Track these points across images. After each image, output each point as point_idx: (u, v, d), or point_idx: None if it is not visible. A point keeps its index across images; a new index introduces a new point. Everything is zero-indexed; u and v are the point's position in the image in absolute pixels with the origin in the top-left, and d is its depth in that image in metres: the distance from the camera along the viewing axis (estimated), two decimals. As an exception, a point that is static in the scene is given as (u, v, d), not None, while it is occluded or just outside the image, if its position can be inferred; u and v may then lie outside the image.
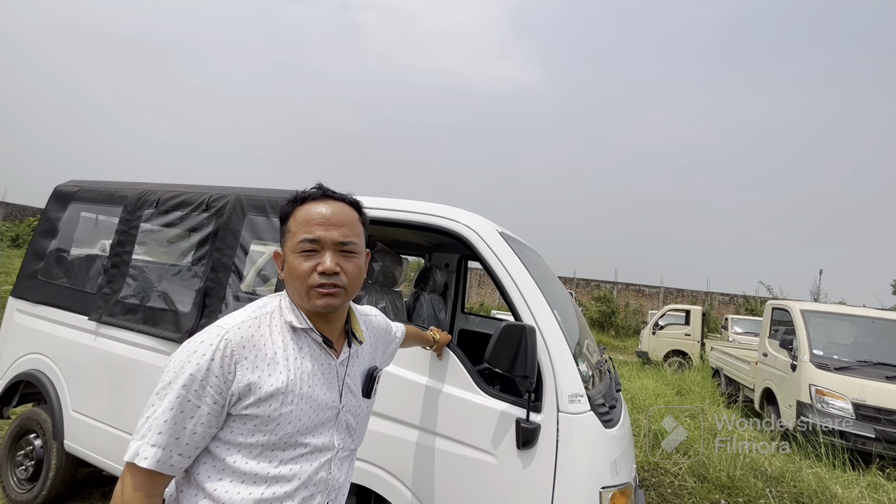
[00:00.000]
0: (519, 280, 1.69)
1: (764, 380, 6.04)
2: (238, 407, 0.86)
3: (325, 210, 0.96)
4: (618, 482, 1.58)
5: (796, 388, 5.16)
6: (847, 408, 4.82)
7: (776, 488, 3.80)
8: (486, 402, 1.62)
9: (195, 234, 2.42)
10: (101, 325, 2.48)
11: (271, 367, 0.89)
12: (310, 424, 0.93)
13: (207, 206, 2.37)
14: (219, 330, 0.88)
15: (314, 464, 0.93)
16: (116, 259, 2.57)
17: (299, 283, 0.93)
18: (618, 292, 22.55)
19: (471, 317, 3.57)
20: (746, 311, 18.89)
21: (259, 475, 0.86)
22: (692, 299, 21.14)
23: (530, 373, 1.47)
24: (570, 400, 1.54)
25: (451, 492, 1.62)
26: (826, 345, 5.34)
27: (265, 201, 2.23)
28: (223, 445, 0.87)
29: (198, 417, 0.82)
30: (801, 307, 5.63)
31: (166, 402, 0.81)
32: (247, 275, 2.39)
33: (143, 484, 0.79)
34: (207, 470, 0.86)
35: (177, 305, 2.31)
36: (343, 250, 0.96)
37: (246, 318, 0.92)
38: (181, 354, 0.85)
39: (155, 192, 2.59)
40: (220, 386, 0.84)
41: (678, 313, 12.07)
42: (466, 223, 1.81)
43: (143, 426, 0.81)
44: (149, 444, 0.79)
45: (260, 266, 2.70)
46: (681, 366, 10.31)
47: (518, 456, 1.54)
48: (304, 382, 0.92)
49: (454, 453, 1.63)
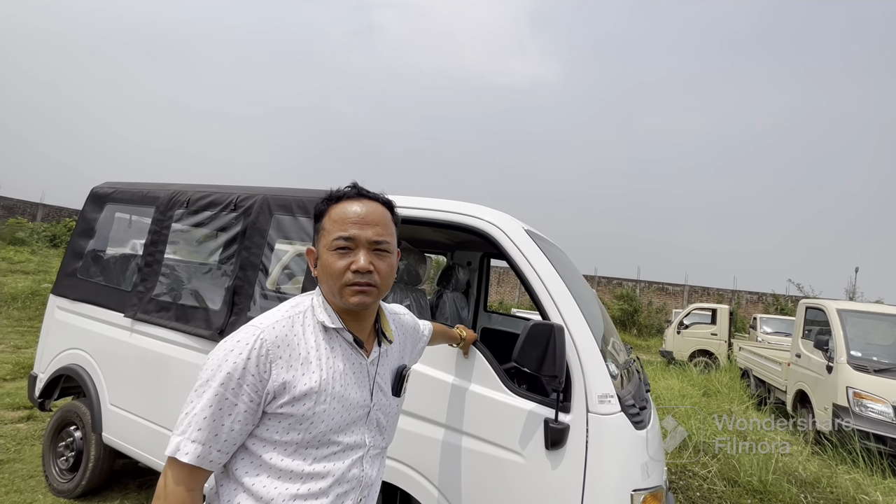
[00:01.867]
0: (546, 278, 1.67)
1: (797, 381, 5.83)
2: (273, 405, 0.87)
3: (360, 209, 0.96)
4: (649, 485, 1.55)
5: (832, 390, 4.96)
6: (888, 411, 4.61)
7: (811, 494, 3.67)
8: (514, 401, 1.61)
9: (224, 234, 2.48)
10: (136, 321, 2.57)
11: (304, 367, 0.90)
12: (342, 423, 0.93)
13: (235, 206, 2.42)
14: (254, 329, 0.89)
15: (346, 461, 0.93)
16: (149, 258, 2.65)
17: (333, 281, 0.94)
18: (640, 290, 22.10)
19: (493, 315, 3.55)
20: (776, 311, 18.27)
21: (294, 472, 0.88)
22: (718, 298, 20.56)
23: (559, 372, 1.45)
24: (599, 400, 1.52)
25: (478, 490, 1.61)
26: (864, 346, 5.12)
27: (291, 201, 2.26)
28: (259, 442, 0.88)
29: (235, 415, 0.84)
30: (838, 306, 5.41)
31: (205, 399, 0.83)
32: (272, 272, 2.44)
33: (184, 478, 0.81)
34: (245, 466, 0.88)
35: (207, 303, 2.37)
36: (376, 249, 0.96)
37: (280, 318, 0.93)
38: (219, 353, 0.87)
39: (185, 192, 2.66)
40: (256, 385, 0.85)
41: (704, 312, 11.74)
42: (492, 221, 1.79)
43: (184, 422, 0.83)
44: (189, 440, 0.81)
45: (285, 263, 2.75)
46: (707, 366, 10.04)
47: (546, 456, 1.52)
48: (337, 382, 0.93)
49: (481, 452, 1.62)
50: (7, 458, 3.09)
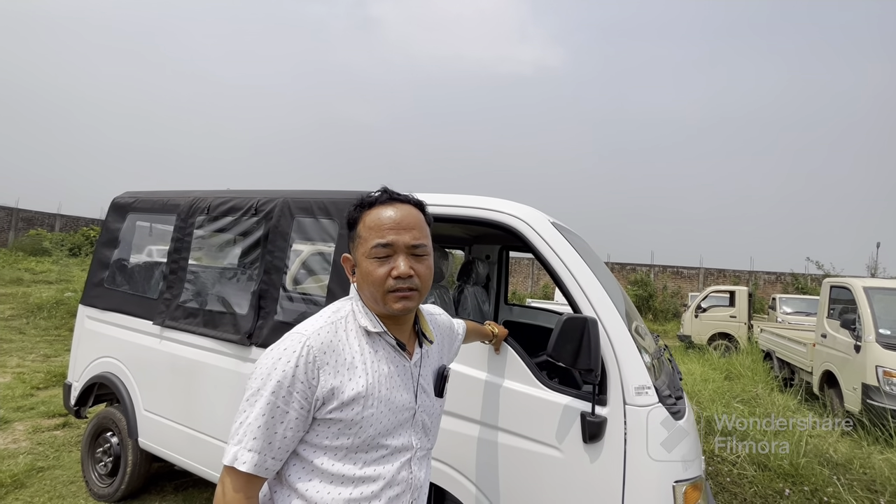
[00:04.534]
0: (576, 271, 1.65)
1: (823, 362, 5.73)
2: (323, 411, 0.87)
3: (394, 214, 0.96)
4: (690, 475, 1.53)
5: (861, 369, 4.87)
6: (920, 390, 4.51)
7: (844, 476, 3.62)
8: (549, 395, 1.60)
9: (247, 238, 2.50)
10: (165, 328, 2.61)
11: (351, 372, 0.90)
12: (389, 426, 0.93)
13: (256, 211, 2.43)
14: (300, 337, 0.89)
15: (395, 464, 0.94)
16: (174, 265, 2.69)
17: (375, 288, 0.94)
18: (655, 275, 21.88)
19: (514, 308, 3.54)
20: (795, 290, 17.95)
21: (346, 476, 0.88)
22: (734, 279, 20.26)
23: (594, 366, 1.44)
24: (636, 392, 1.50)
25: (516, 486, 1.62)
26: (893, 323, 5.00)
27: (312, 203, 2.27)
28: (310, 448, 0.89)
29: (287, 422, 0.84)
30: (864, 284, 5.28)
31: (258, 408, 0.84)
32: (290, 271, 2.45)
33: (242, 486, 0.82)
34: (298, 472, 0.88)
35: (234, 308, 2.40)
36: (415, 253, 0.95)
37: (324, 324, 0.93)
38: (266, 362, 0.87)
39: (205, 199, 2.68)
40: (306, 391, 0.86)
41: (722, 294, 11.59)
42: (518, 215, 1.77)
43: (239, 431, 0.84)
44: (246, 449, 0.82)
45: (304, 259, 2.77)
46: (727, 349, 9.92)
47: (585, 450, 1.51)
48: (383, 385, 0.93)
49: (518, 448, 1.62)
50: (47, 464, 3.18)
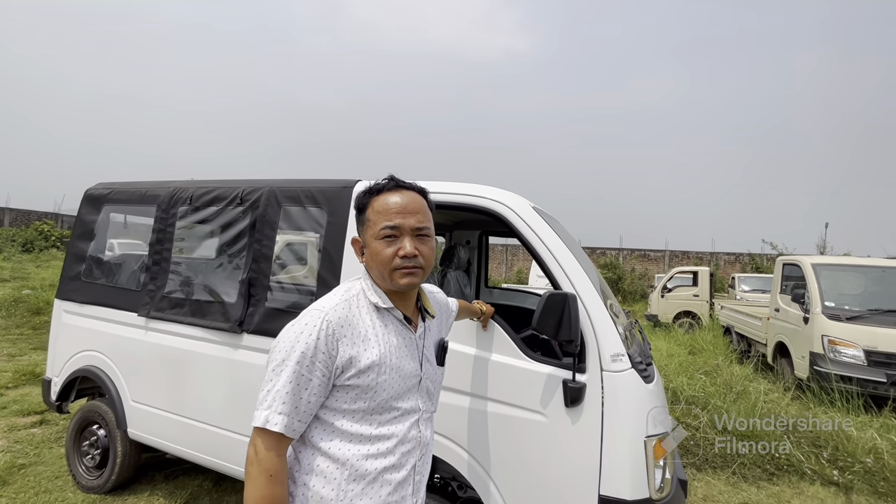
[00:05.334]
0: (557, 252, 1.79)
1: (777, 334, 6.20)
2: (342, 378, 0.97)
3: (400, 199, 1.05)
4: (658, 431, 1.71)
5: (809, 339, 5.31)
6: (859, 355, 4.97)
7: (793, 434, 3.99)
8: (533, 366, 1.74)
9: (232, 228, 2.51)
10: (151, 319, 2.61)
11: (365, 343, 1.00)
12: (399, 391, 1.04)
13: (242, 200, 2.45)
14: (319, 313, 0.98)
15: (406, 424, 1.05)
16: (157, 256, 2.68)
17: (383, 266, 1.03)
18: (623, 258, 22.65)
19: (495, 290, 3.69)
20: (752, 269, 19.00)
21: (364, 435, 0.99)
22: (697, 260, 21.24)
23: (574, 337, 1.58)
24: (612, 359, 1.66)
25: (506, 450, 1.76)
26: (837, 296, 5.46)
27: (299, 191, 2.31)
28: (330, 412, 0.99)
29: (311, 389, 0.94)
30: (812, 261, 5.72)
31: (284, 376, 0.93)
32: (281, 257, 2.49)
33: (273, 445, 0.92)
34: (320, 433, 0.98)
35: (223, 297, 2.43)
36: (419, 234, 1.05)
37: (339, 301, 1.02)
38: (289, 335, 0.96)
39: (186, 189, 2.67)
40: (327, 361, 0.95)
41: (686, 275, 12.19)
42: (502, 200, 1.89)
43: (268, 398, 0.93)
44: (276, 413, 0.91)
45: (284, 246, 2.82)
46: (691, 326, 10.50)
47: (567, 414, 1.67)
48: (393, 355, 1.03)
49: (506, 415, 1.76)
50: (28, 461, 3.13)
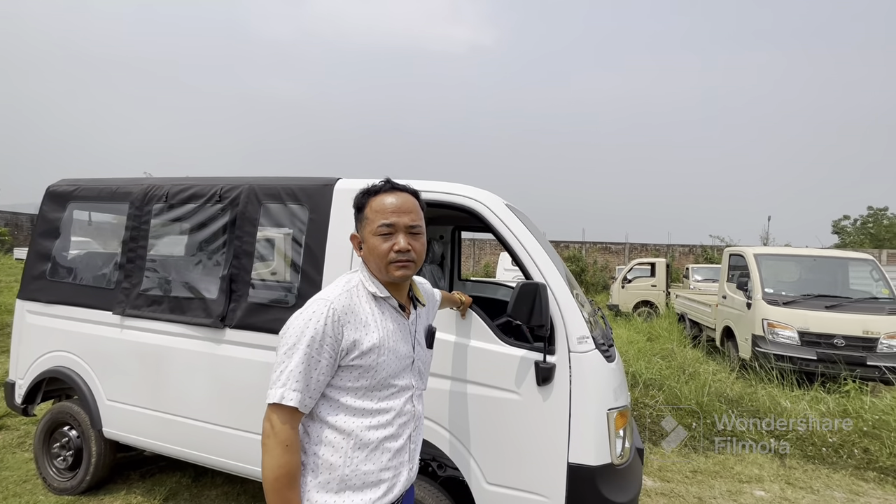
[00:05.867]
0: (528, 245, 1.95)
1: (724, 319, 6.72)
2: (346, 359, 1.09)
3: (395, 200, 1.18)
4: (619, 404, 1.92)
5: (751, 323, 5.81)
6: (794, 336, 5.50)
7: (737, 409, 4.40)
8: (509, 350, 1.91)
9: (211, 225, 2.53)
10: (126, 317, 2.60)
11: (366, 328, 1.12)
12: (396, 370, 1.17)
13: (221, 198, 2.48)
14: (325, 302, 1.09)
15: (402, 399, 1.18)
16: (131, 254, 2.66)
17: (380, 260, 1.16)
18: (586, 251, 23.49)
19: (467, 283, 3.85)
20: (704, 260, 20.20)
21: (366, 409, 1.11)
22: (655, 252, 22.33)
23: (545, 322, 1.76)
24: (578, 341, 1.85)
25: (484, 427, 1.92)
26: (776, 283, 5.99)
27: (280, 189, 2.37)
28: (336, 390, 1.10)
29: (320, 368, 1.05)
30: (754, 251, 6.24)
31: (296, 358, 1.03)
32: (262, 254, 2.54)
33: (287, 418, 1.03)
34: (326, 409, 1.10)
35: (203, 293, 2.46)
36: (412, 232, 1.18)
37: (342, 291, 1.14)
38: (298, 322, 1.07)
39: (162, 186, 2.66)
40: (333, 344, 1.07)
41: (644, 266, 12.85)
42: (478, 198, 2.04)
43: (281, 377, 1.03)
44: (291, 390, 1.02)
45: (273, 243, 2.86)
46: (649, 315, 11.11)
47: (539, 392, 1.85)
48: (390, 339, 1.16)
49: (484, 396, 1.92)
50: (-9, 468, 3.03)
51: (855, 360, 5.22)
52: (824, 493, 3.24)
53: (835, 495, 3.23)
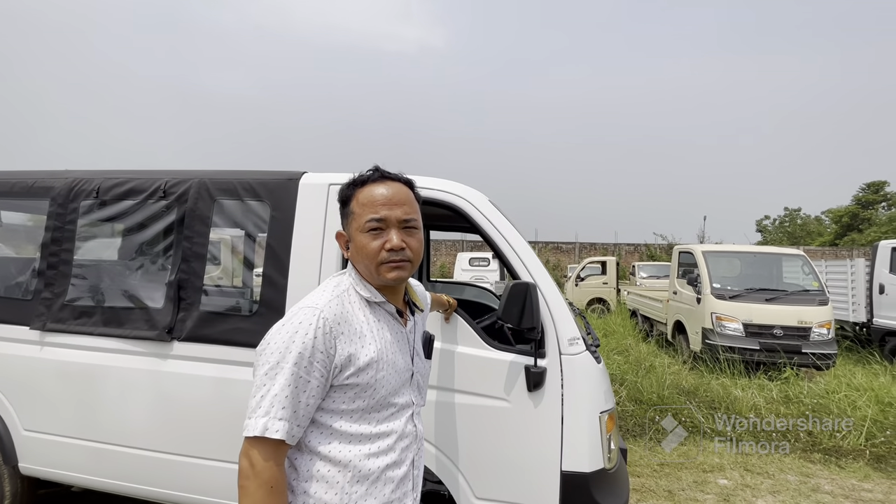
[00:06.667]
0: (515, 244, 1.85)
1: (675, 314, 7.04)
2: (340, 378, 0.92)
3: (386, 191, 1.01)
4: (609, 406, 1.87)
5: (701, 317, 6.11)
6: (739, 328, 5.84)
7: (693, 399, 4.58)
8: (497, 355, 1.79)
9: (154, 224, 2.23)
10: (48, 333, 2.22)
11: (362, 340, 0.96)
12: (396, 387, 1.01)
13: (165, 193, 2.18)
14: (313, 310, 0.92)
15: (403, 419, 1.02)
16: (53, 259, 2.28)
17: (370, 260, 0.99)
18: (539, 250, 24.09)
19: (437, 284, 3.71)
20: (648, 258, 21.34)
21: (364, 434, 0.95)
22: (603, 251, 23.29)
23: (536, 324, 1.66)
24: (569, 343, 1.77)
25: (472, 439, 1.79)
26: (721, 279, 6.34)
27: (236, 184, 2.12)
28: (327, 414, 0.93)
29: (309, 391, 0.88)
30: (703, 249, 6.59)
31: (281, 380, 0.85)
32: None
33: (272, 454, 0.84)
34: (317, 437, 0.92)
35: (145, 302, 2.15)
36: (406, 227, 1.02)
37: (332, 297, 0.96)
38: (282, 336, 0.88)
39: (91, 180, 2.31)
40: (325, 360, 0.89)
41: (595, 265, 13.32)
42: (462, 195, 1.91)
43: (263, 403, 0.85)
44: (276, 419, 0.84)
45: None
46: (603, 312, 11.51)
47: (530, 398, 1.74)
48: (388, 350, 1.00)
49: (471, 405, 1.79)
50: None
51: (792, 348, 5.63)
52: (779, 478, 3.41)
53: (788, 479, 3.41)
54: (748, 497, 3.13)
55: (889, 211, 25.70)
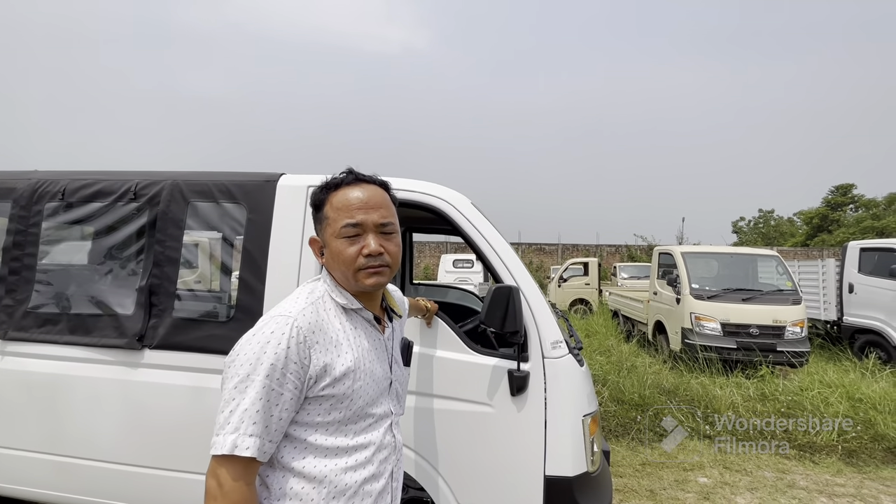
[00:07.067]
0: (498, 247, 1.83)
1: (655, 314, 7.15)
2: (315, 389, 0.88)
3: (361, 194, 0.98)
4: (592, 409, 1.86)
5: (681, 317, 6.22)
6: (717, 327, 5.96)
7: (674, 399, 4.65)
8: (479, 359, 1.77)
9: (123, 227, 2.14)
10: (9, 342, 2.12)
11: (338, 349, 0.92)
12: (374, 396, 0.98)
13: (136, 195, 2.10)
14: (286, 318, 0.88)
15: (381, 430, 0.99)
16: (15, 264, 2.17)
17: (346, 267, 0.96)
18: (522, 252, 24.24)
19: (420, 287, 3.68)
20: (629, 259, 21.68)
21: (340, 447, 0.91)
22: (585, 252, 23.57)
23: (519, 327, 1.64)
24: (552, 346, 1.76)
25: (453, 444, 1.77)
26: (700, 279, 6.47)
27: (211, 185, 2.06)
28: (301, 427, 0.89)
29: (282, 404, 0.84)
30: (682, 250, 6.71)
31: (251, 394, 0.81)
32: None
33: (241, 473, 0.80)
34: (290, 452, 0.88)
35: (114, 308, 2.06)
36: (383, 231, 0.99)
37: (305, 305, 0.93)
38: (252, 347, 0.84)
39: (56, 181, 2.21)
40: (299, 371, 0.86)
41: (578, 266, 13.46)
42: (444, 197, 1.88)
43: (231, 419, 0.81)
44: (246, 435, 0.80)
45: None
46: (585, 312, 11.63)
47: (513, 402, 1.73)
48: (366, 359, 0.97)
49: (453, 410, 1.77)
50: None
51: (767, 346, 5.77)
52: (757, 475, 3.48)
53: (765, 475, 3.48)
54: (727, 494, 3.18)
55: (856, 213, 26.71)
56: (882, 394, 4.48)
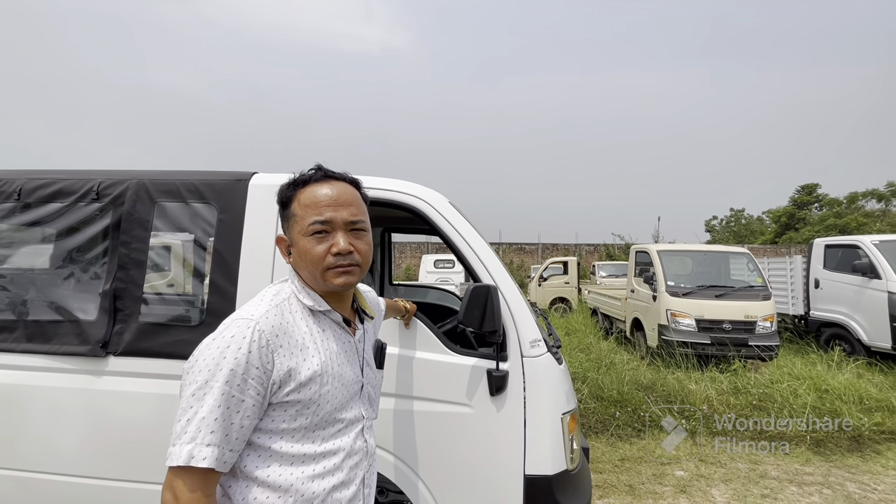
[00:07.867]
0: (476, 246, 1.82)
1: (633, 312, 7.28)
2: (279, 395, 0.85)
3: (330, 191, 0.95)
4: (571, 408, 1.87)
5: (657, 314, 6.34)
6: (692, 323, 6.10)
7: (651, 395, 4.73)
8: (458, 360, 1.76)
9: (85, 229, 2.04)
10: (-40, 351, 1.99)
11: (304, 353, 0.89)
12: (343, 401, 0.95)
13: (99, 195, 2.01)
14: (248, 322, 0.84)
15: (351, 435, 0.96)
16: (-33, 268, 2.05)
17: (314, 266, 0.93)
18: (503, 251, 24.38)
19: (400, 288, 3.64)
20: (607, 257, 22.07)
21: (307, 454, 0.88)
22: (565, 251, 23.88)
23: (498, 327, 1.63)
24: (531, 345, 1.76)
25: (433, 446, 1.74)
26: (675, 276, 6.62)
27: (179, 185, 1.98)
28: (265, 435, 0.86)
29: (243, 411, 0.80)
30: (657, 248, 6.85)
31: (210, 401, 0.78)
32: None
33: (199, 484, 0.76)
34: (254, 460, 0.85)
35: (76, 314, 1.96)
36: (353, 229, 0.96)
37: (269, 307, 0.89)
38: (211, 352, 0.81)
39: (12, 181, 2.09)
40: (261, 377, 0.82)
41: (557, 265, 13.61)
42: (421, 196, 1.86)
43: (188, 428, 0.77)
44: (203, 445, 0.76)
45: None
46: (565, 311, 11.76)
47: (492, 402, 1.72)
48: (334, 362, 0.94)
49: (432, 412, 1.75)
50: None
51: (740, 341, 5.94)
52: (731, 466, 3.57)
53: (739, 467, 3.57)
54: (703, 487, 3.25)
55: (821, 211, 27.86)
56: (846, 385, 4.67)
